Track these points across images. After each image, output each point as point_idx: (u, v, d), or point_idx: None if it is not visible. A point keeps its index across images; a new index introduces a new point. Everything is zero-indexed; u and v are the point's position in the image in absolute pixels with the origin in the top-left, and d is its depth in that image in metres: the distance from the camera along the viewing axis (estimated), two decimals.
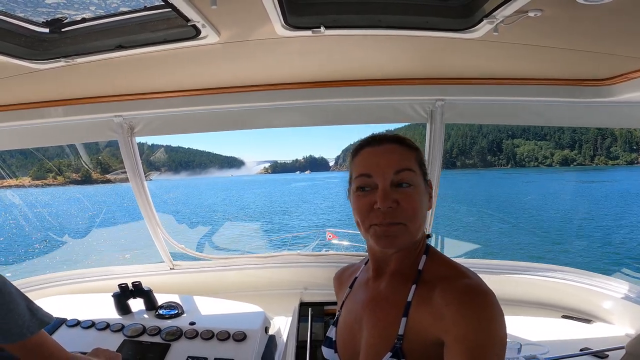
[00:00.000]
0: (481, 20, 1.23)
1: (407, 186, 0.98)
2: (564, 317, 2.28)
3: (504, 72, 1.88)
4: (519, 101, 2.05)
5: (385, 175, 0.98)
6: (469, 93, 2.00)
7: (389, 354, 0.94)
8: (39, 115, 2.03)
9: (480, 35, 1.33)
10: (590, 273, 2.35)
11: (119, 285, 2.01)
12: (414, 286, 0.98)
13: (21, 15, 1.25)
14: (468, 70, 1.87)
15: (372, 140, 1.05)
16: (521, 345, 1.81)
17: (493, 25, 1.23)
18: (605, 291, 2.23)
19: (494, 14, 1.16)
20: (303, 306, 2.39)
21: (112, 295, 2.00)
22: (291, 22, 1.25)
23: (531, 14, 1.14)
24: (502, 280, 2.42)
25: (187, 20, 1.17)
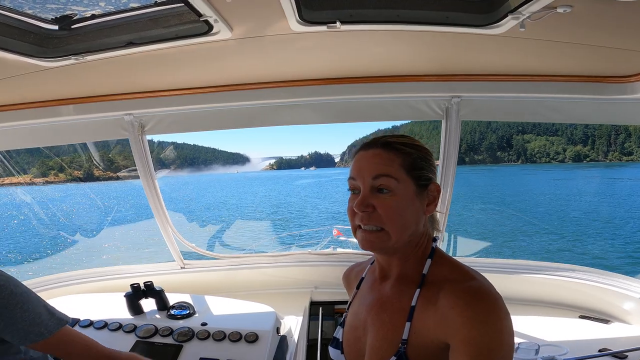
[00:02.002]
0: (505, 16, 1.20)
1: (385, 192, 0.98)
2: (581, 317, 2.24)
3: (524, 69, 1.84)
4: (537, 98, 2.01)
5: (365, 180, 1.00)
6: (486, 90, 1.96)
7: (393, 358, 0.94)
8: (49, 113, 2.02)
9: (503, 31, 1.30)
10: (607, 273, 2.31)
11: (131, 285, 1.99)
12: (418, 290, 0.98)
13: (29, 12, 1.23)
14: (486, 66, 1.83)
15: (365, 144, 1.07)
16: (539, 347, 1.77)
17: (518, 21, 1.20)
18: (623, 291, 2.18)
19: (520, 9, 1.14)
20: (313, 305, 2.38)
21: (125, 296, 1.98)
22: (306, 16, 1.22)
23: (560, 10, 1.10)
24: (519, 279, 2.38)
25: (200, 15, 1.14)
